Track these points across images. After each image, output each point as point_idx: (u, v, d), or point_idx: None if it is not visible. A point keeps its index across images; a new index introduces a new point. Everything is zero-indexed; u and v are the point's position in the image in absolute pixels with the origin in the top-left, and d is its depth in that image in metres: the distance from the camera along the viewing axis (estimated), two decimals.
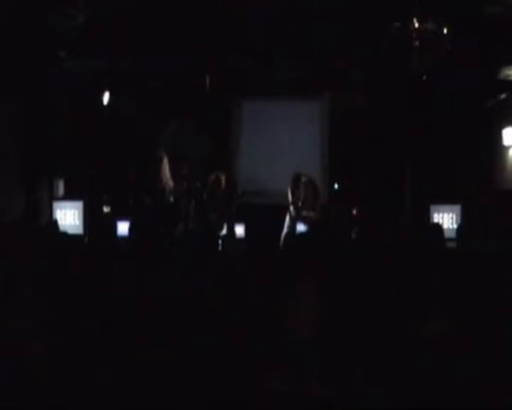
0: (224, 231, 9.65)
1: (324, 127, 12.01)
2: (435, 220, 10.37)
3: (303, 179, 9.90)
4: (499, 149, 10.42)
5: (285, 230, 9.72)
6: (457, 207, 10.69)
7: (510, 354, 3.08)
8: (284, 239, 9.29)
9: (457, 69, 9.09)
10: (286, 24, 8.64)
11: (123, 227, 10.12)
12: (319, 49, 9.51)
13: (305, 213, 9.80)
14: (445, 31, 7.91)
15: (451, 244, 6.08)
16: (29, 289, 3.66)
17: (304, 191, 9.86)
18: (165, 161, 9.92)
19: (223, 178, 10.12)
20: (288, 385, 2.77)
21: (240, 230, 10.44)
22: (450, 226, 10.28)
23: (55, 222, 8.20)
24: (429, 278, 4.10)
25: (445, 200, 10.74)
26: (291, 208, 9.86)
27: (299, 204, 9.83)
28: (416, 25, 7.89)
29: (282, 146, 10.45)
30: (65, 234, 6.07)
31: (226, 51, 9.64)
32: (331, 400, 2.75)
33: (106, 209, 11.19)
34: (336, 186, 11.83)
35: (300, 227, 9.85)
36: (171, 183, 10.00)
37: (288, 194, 9.87)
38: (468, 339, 3.18)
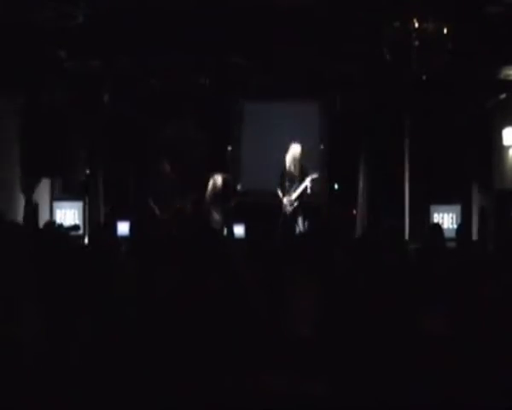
0: (224, 232, 9.66)
1: (324, 127, 12.02)
2: (435, 220, 10.38)
3: (286, 166, 9.95)
4: (499, 149, 10.41)
5: (280, 226, 9.73)
6: (457, 207, 10.70)
7: (509, 353, 3.08)
8: (281, 237, 9.30)
9: (457, 69, 9.09)
10: (286, 24, 8.64)
11: (123, 227, 10.20)
12: (319, 50, 9.51)
13: (294, 195, 9.82)
14: (445, 31, 7.92)
15: (451, 244, 6.09)
16: (29, 290, 3.66)
17: (288, 173, 9.91)
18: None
19: (219, 180, 10.10)
20: (288, 385, 2.77)
21: (240, 230, 10.44)
22: (450, 226, 10.29)
23: (54, 223, 8.20)
24: (429, 277, 4.11)
25: (445, 200, 10.75)
26: (284, 200, 9.87)
27: (290, 190, 9.86)
28: (416, 25, 7.90)
29: (282, 147, 10.46)
30: (64, 235, 6.08)
31: (226, 51, 9.65)
32: (331, 400, 2.75)
33: (106, 209, 11.17)
34: (336, 186, 11.83)
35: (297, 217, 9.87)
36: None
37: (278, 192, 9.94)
38: (467, 338, 3.18)
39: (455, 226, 9.95)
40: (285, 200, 9.89)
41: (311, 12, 8.36)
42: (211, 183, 10.09)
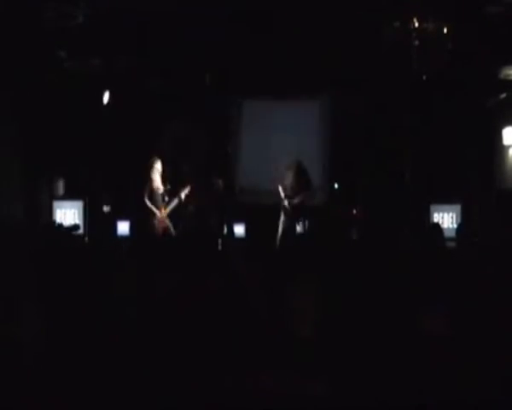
0: (224, 232, 9.65)
1: (324, 127, 12.00)
2: (435, 220, 10.37)
3: (286, 166, 9.90)
4: (499, 149, 10.42)
5: (280, 227, 9.71)
6: (457, 207, 10.69)
7: (509, 353, 3.08)
8: (281, 237, 9.30)
9: (457, 69, 9.10)
10: (286, 24, 8.65)
11: (123, 227, 10.19)
12: (320, 49, 9.50)
13: (295, 199, 9.79)
14: (445, 31, 7.92)
15: (451, 244, 6.08)
16: (29, 290, 3.66)
17: (288, 177, 9.87)
18: (157, 167, 9.60)
19: (220, 182, 10.10)
20: (287, 385, 2.77)
21: (240, 230, 10.44)
22: (450, 226, 10.27)
23: (54, 223, 8.20)
24: (429, 277, 4.11)
25: (445, 200, 10.74)
26: (284, 202, 9.85)
27: (288, 192, 9.83)
28: (416, 25, 7.90)
29: (282, 146, 10.44)
30: (64, 234, 6.08)
31: (225, 52, 9.65)
32: (331, 400, 2.75)
33: (106, 209, 11.16)
34: (336, 186, 11.82)
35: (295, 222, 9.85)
36: (160, 188, 9.52)
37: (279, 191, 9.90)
38: (467, 338, 3.18)
39: (455, 226, 9.94)
40: (286, 202, 9.88)
41: (311, 12, 8.36)
42: (212, 186, 10.07)
